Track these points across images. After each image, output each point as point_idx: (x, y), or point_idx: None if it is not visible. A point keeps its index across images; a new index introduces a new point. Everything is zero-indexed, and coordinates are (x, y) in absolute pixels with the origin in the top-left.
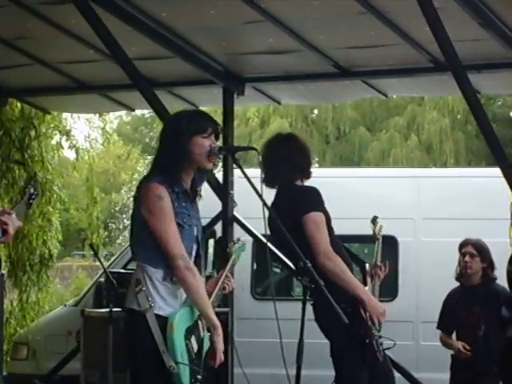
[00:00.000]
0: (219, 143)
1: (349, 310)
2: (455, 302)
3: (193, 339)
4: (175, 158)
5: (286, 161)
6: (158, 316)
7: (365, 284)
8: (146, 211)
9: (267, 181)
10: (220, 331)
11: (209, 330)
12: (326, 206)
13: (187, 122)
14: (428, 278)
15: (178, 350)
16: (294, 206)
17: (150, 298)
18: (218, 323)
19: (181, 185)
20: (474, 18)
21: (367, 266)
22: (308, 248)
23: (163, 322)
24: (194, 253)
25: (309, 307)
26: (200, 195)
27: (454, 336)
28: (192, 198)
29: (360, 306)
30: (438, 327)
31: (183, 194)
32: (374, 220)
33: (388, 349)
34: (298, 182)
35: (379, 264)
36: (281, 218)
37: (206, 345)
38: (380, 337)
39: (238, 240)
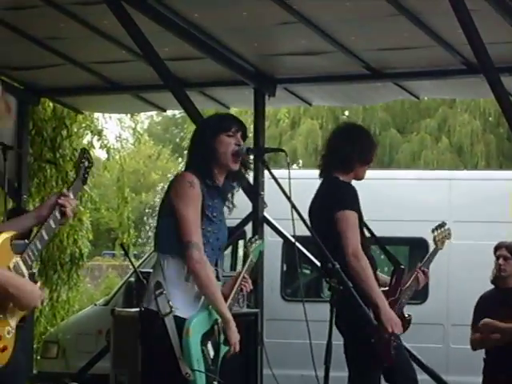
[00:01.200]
0: (250, 145)
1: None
2: (490, 304)
3: (209, 345)
4: (203, 156)
5: (333, 151)
6: (175, 317)
7: (390, 286)
8: (175, 196)
9: (319, 170)
10: (232, 325)
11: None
12: None
13: (213, 121)
14: (458, 280)
15: (194, 357)
16: (330, 200)
17: (170, 302)
18: (229, 316)
19: (213, 180)
20: (507, 20)
21: (403, 267)
22: (339, 245)
23: (181, 323)
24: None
25: None
26: (232, 204)
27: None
28: (223, 197)
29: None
30: (472, 329)
31: (215, 189)
32: (439, 227)
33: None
34: (340, 176)
35: (425, 270)
36: (317, 210)
37: (223, 351)
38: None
39: (256, 239)
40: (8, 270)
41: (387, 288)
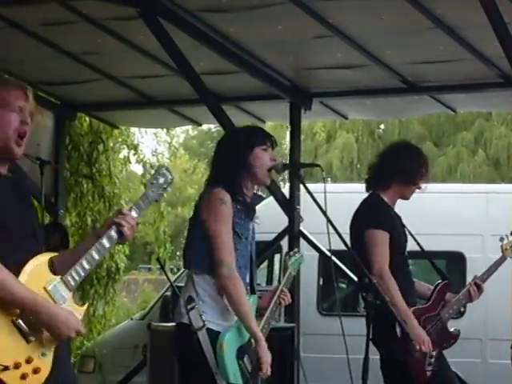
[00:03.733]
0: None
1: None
2: None
3: (246, 359)
4: (236, 170)
5: (377, 168)
6: (209, 330)
7: (430, 300)
8: (207, 213)
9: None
10: (262, 343)
11: None
12: None
13: (247, 134)
14: (496, 295)
15: (230, 371)
16: (365, 216)
17: (202, 316)
18: (260, 335)
19: (242, 196)
20: None
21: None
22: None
23: (215, 337)
24: (249, 270)
25: None
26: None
27: None
28: (251, 215)
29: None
30: None
31: (244, 206)
32: (506, 236)
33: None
34: (381, 193)
35: (479, 283)
36: (355, 226)
37: None
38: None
39: (295, 252)
40: (41, 294)
41: (426, 303)
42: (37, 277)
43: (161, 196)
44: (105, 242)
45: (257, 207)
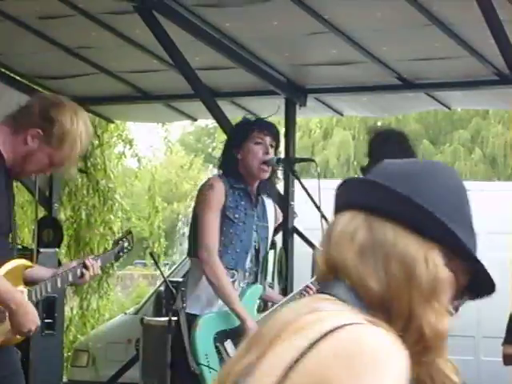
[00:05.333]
0: (282, 154)
1: None
2: None
3: (228, 343)
4: (232, 163)
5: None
6: (189, 314)
7: None
8: (196, 199)
9: None
10: (250, 323)
11: None
12: None
13: (239, 128)
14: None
15: (201, 352)
16: None
17: (184, 298)
18: (245, 315)
19: (241, 183)
20: None
21: None
22: None
23: (193, 320)
24: (249, 256)
25: None
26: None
27: None
28: (254, 202)
29: None
30: (504, 343)
31: (244, 192)
32: None
33: None
34: None
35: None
36: None
37: None
38: None
39: None
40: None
41: None
42: (11, 278)
43: (118, 259)
44: (70, 275)
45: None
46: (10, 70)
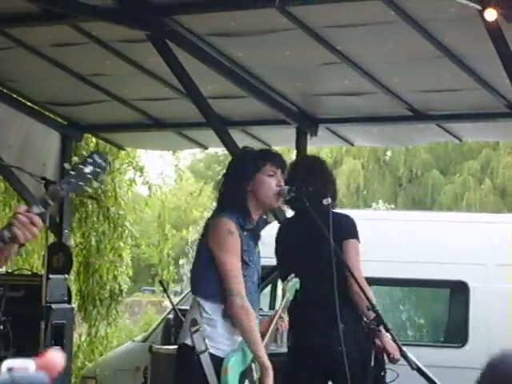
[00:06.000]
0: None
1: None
2: None
3: (246, 383)
4: (243, 196)
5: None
6: (213, 356)
7: None
8: (215, 244)
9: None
10: (270, 372)
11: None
12: (398, 249)
13: (251, 160)
14: (500, 325)
15: None
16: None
17: (206, 340)
18: (268, 364)
19: (250, 223)
20: None
21: None
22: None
23: (218, 362)
24: (257, 293)
25: None
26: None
27: None
28: (256, 239)
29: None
30: None
31: (251, 232)
32: None
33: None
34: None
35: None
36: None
37: None
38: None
39: (292, 278)
40: None
41: None
42: None
43: (80, 188)
44: None
45: (262, 232)
46: (23, 97)
